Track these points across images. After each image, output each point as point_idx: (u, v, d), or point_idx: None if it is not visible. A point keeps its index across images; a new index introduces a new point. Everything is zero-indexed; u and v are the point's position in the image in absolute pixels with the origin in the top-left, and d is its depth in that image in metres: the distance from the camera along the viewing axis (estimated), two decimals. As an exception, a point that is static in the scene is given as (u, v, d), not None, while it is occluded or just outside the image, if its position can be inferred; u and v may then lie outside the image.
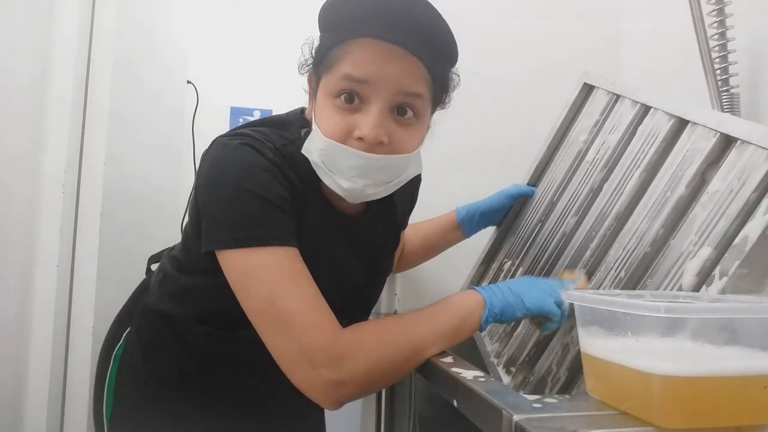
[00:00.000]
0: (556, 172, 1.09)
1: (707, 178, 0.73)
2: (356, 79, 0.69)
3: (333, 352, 0.65)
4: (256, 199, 0.69)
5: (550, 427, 0.45)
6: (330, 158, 0.71)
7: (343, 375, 0.65)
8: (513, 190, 1.16)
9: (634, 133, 0.90)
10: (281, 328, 0.67)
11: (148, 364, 0.84)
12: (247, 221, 0.68)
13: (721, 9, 1.02)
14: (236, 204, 0.68)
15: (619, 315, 0.50)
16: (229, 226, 0.69)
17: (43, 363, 0.93)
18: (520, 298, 0.74)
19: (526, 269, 1.05)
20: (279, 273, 0.68)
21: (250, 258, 0.68)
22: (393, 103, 0.71)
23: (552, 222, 1.02)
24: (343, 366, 0.65)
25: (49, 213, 0.95)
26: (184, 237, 0.84)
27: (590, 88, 1.08)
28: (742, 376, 0.45)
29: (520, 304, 0.74)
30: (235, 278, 0.69)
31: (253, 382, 0.84)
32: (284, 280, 0.67)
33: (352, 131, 0.70)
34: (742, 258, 0.61)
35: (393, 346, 0.70)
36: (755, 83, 1.06)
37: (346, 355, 0.66)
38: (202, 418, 0.82)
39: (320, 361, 0.65)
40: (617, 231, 0.84)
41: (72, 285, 0.99)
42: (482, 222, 1.18)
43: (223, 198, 0.69)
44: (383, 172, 0.73)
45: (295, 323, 0.66)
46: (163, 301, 0.84)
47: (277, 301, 0.67)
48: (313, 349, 0.65)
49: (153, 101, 1.29)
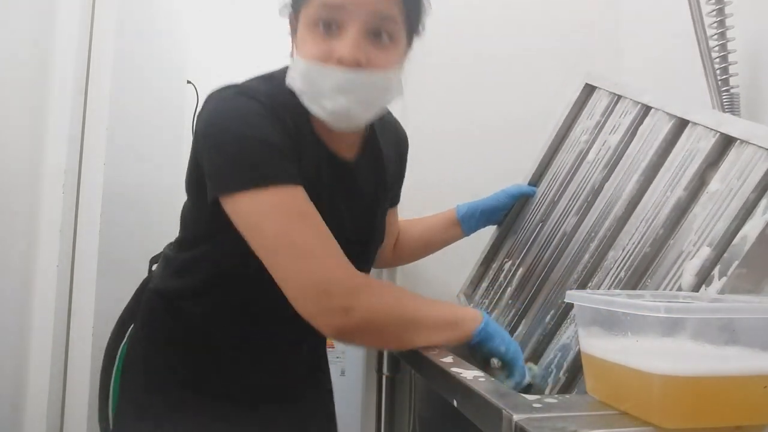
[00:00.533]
0: (557, 172, 1.09)
1: (707, 178, 0.73)
2: (332, 6, 0.72)
3: (348, 285, 0.70)
4: (258, 144, 0.70)
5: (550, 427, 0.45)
6: (311, 80, 0.74)
7: (353, 304, 0.69)
8: (514, 190, 1.16)
9: (634, 134, 0.90)
10: (298, 259, 0.69)
11: (152, 358, 0.84)
12: (251, 164, 0.70)
13: (721, 9, 1.02)
14: (239, 149, 0.70)
15: (619, 315, 0.50)
16: (234, 171, 0.70)
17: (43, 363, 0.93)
18: (508, 339, 0.78)
19: (526, 269, 1.05)
20: (290, 210, 0.70)
21: (259, 198, 0.69)
22: (369, 26, 0.73)
23: (553, 222, 1.02)
24: (355, 298, 0.69)
25: (49, 213, 0.95)
26: (182, 212, 0.86)
27: (592, 88, 1.09)
28: (742, 376, 0.45)
29: (508, 341, 0.78)
30: (246, 221, 0.71)
31: (257, 369, 0.85)
32: (296, 216, 0.70)
33: (331, 55, 0.73)
34: (741, 258, 0.61)
35: (400, 303, 0.74)
36: (755, 83, 1.07)
37: (360, 290, 0.70)
38: (209, 409, 0.82)
39: (335, 291, 0.69)
40: (617, 231, 0.84)
41: (72, 285, 0.99)
42: (482, 220, 1.18)
43: (226, 146, 0.71)
44: (364, 90, 0.75)
45: (315, 254, 0.69)
46: (165, 280, 0.85)
47: (293, 235, 0.69)
48: (330, 277, 0.69)
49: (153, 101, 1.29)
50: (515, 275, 1.08)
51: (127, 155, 1.14)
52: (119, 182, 1.10)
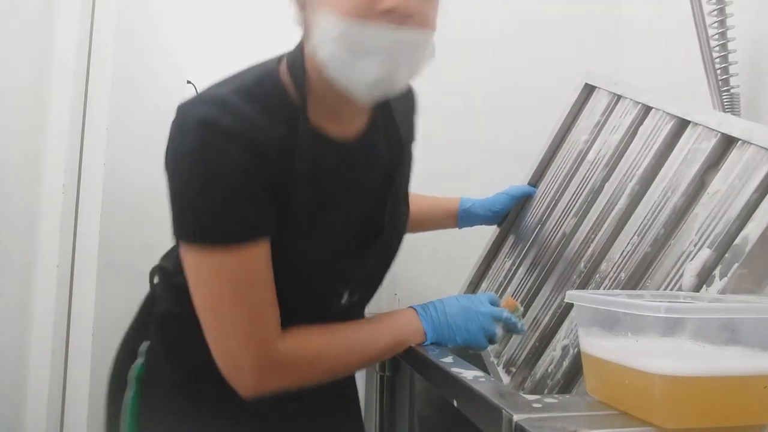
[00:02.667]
0: (557, 172, 1.09)
1: (708, 178, 0.73)
2: None
3: (259, 366, 0.67)
4: (215, 191, 0.62)
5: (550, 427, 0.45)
6: (352, 42, 0.59)
7: (262, 384, 0.68)
8: (515, 191, 1.15)
9: (635, 134, 0.90)
10: (220, 329, 0.67)
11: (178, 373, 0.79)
12: (204, 218, 0.64)
13: (721, 9, 1.02)
14: (194, 200, 0.63)
15: (619, 315, 0.50)
16: (186, 221, 0.66)
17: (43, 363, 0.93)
18: (454, 333, 0.78)
19: (526, 269, 1.05)
20: (229, 277, 0.65)
21: (202, 256, 0.65)
22: None
23: (553, 222, 1.02)
24: (263, 379, 0.68)
25: (49, 213, 0.95)
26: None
27: (591, 88, 1.09)
28: (742, 376, 0.45)
29: (452, 338, 0.78)
30: (188, 271, 0.67)
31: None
32: (232, 285, 0.65)
33: (373, 6, 0.58)
34: (742, 259, 0.61)
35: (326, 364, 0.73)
36: (755, 83, 1.06)
37: (270, 371, 0.68)
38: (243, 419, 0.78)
39: (245, 369, 0.67)
40: (618, 231, 0.84)
41: (72, 285, 0.99)
42: (481, 219, 1.18)
43: (182, 191, 0.65)
44: (412, 53, 0.62)
45: (236, 327, 0.66)
46: (173, 304, 0.80)
47: (222, 304, 0.66)
48: (244, 355, 0.66)
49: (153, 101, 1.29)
50: (515, 275, 1.08)
51: (127, 155, 1.14)
52: (119, 182, 1.10)
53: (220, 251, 0.64)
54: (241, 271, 0.65)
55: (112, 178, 1.05)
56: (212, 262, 0.64)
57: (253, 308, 0.67)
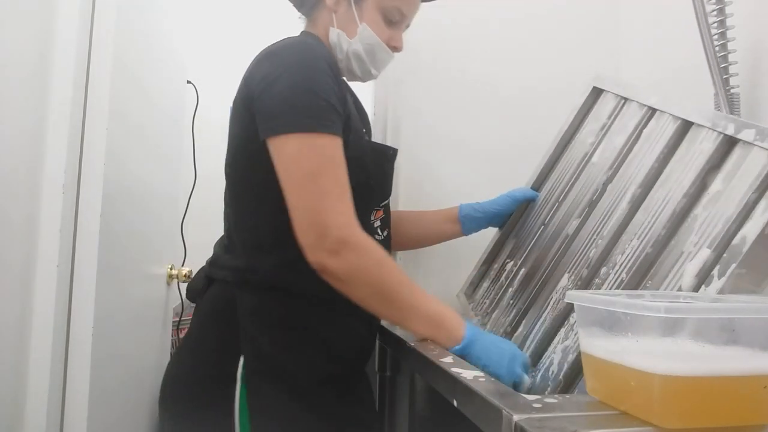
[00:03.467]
0: (561, 174, 1.09)
1: (710, 179, 0.73)
2: (403, 12, 0.98)
3: (343, 234, 0.79)
4: (314, 94, 0.82)
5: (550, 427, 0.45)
6: (373, 53, 0.98)
7: (341, 252, 0.79)
8: (518, 194, 1.16)
9: (639, 136, 0.90)
10: (315, 195, 0.79)
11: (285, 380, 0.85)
12: (304, 110, 0.81)
13: (721, 9, 1.02)
14: (296, 96, 0.82)
15: (619, 315, 0.50)
16: (288, 115, 0.81)
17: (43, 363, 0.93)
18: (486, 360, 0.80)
19: (528, 270, 1.05)
20: (326, 155, 0.81)
21: (303, 140, 0.81)
22: None
23: (555, 223, 1.02)
24: (343, 247, 0.79)
25: (49, 213, 0.95)
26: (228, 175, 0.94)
27: (599, 91, 1.09)
28: (742, 376, 0.45)
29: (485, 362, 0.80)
30: (287, 158, 0.81)
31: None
32: (329, 162, 0.81)
33: (389, 41, 0.99)
34: (739, 259, 0.61)
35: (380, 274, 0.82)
36: (755, 83, 1.06)
37: (350, 244, 0.79)
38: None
39: (331, 233, 0.78)
40: (620, 232, 0.84)
41: (72, 285, 0.99)
42: (484, 222, 1.18)
43: (282, 90, 0.82)
44: (389, 63, 1.03)
45: (330, 197, 0.80)
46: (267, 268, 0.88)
47: (320, 176, 0.80)
48: (333, 221, 0.79)
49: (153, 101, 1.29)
50: (517, 276, 1.08)
51: (127, 155, 1.14)
52: (119, 182, 1.10)
53: (319, 136, 0.81)
54: (334, 153, 0.82)
55: (112, 177, 1.04)
56: (315, 143, 0.81)
57: (343, 190, 0.82)
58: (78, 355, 0.98)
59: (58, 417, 0.97)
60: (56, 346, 0.96)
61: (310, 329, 0.88)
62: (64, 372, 0.98)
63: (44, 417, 0.93)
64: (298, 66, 0.84)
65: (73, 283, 0.99)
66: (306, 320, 0.88)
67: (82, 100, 1.01)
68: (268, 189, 0.84)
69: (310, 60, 0.85)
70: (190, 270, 1.51)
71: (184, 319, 1.60)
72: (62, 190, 0.96)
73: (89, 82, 1.02)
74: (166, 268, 1.47)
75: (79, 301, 0.99)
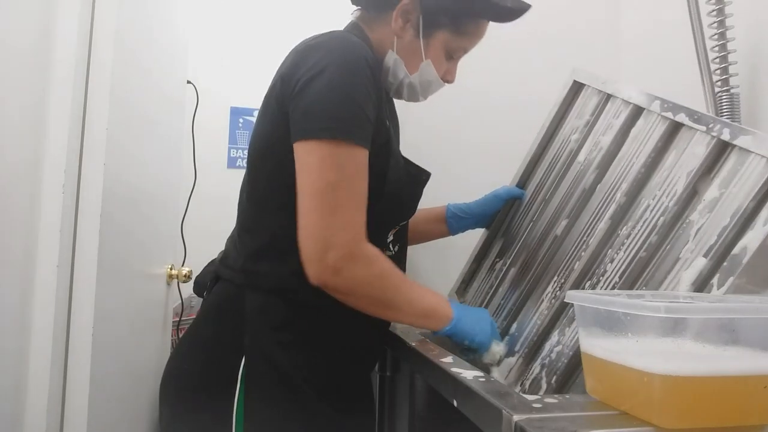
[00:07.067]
0: (547, 172, 1.08)
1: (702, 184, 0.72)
2: (467, 51, 0.98)
3: (348, 251, 0.78)
4: (348, 99, 0.79)
5: (550, 427, 0.45)
6: (429, 86, 0.97)
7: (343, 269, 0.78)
8: (503, 192, 1.16)
9: (627, 135, 0.89)
10: (327, 209, 0.77)
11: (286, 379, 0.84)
12: (338, 117, 0.78)
13: (720, 9, 1.02)
14: (330, 99, 0.79)
15: (620, 315, 0.50)
16: (321, 120, 0.78)
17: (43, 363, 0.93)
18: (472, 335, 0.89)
19: (518, 270, 1.04)
20: (348, 168, 0.79)
21: (331, 148, 0.78)
22: None
23: (543, 223, 1.01)
24: (347, 264, 0.78)
25: (49, 213, 0.95)
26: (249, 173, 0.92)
27: (580, 86, 1.08)
28: (742, 376, 0.45)
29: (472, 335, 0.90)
30: (310, 162, 0.78)
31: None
32: (349, 176, 0.79)
33: (445, 75, 0.98)
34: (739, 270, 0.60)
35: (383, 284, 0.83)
36: (755, 83, 1.06)
37: (355, 260, 0.78)
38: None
39: (334, 250, 0.77)
40: (610, 234, 0.83)
41: (72, 285, 0.99)
42: (471, 222, 1.19)
43: (321, 90, 0.79)
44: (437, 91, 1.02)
45: (341, 212, 0.78)
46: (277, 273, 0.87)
47: (338, 190, 0.78)
48: (338, 238, 0.77)
49: (153, 101, 1.29)
50: (507, 275, 1.08)
51: (127, 155, 1.14)
52: (119, 182, 1.10)
53: (348, 147, 0.79)
54: (358, 168, 0.80)
55: (112, 177, 1.04)
56: (339, 154, 0.78)
57: (359, 203, 0.80)
58: (78, 355, 0.98)
59: (58, 417, 0.97)
60: (56, 346, 0.96)
61: (318, 334, 0.87)
62: (64, 372, 0.98)
63: (44, 417, 0.93)
64: (340, 67, 0.80)
65: (73, 283, 0.99)
66: (313, 325, 0.87)
67: (82, 100, 1.01)
68: (291, 195, 0.82)
69: (353, 63, 0.81)
70: (190, 270, 1.50)
71: (184, 319, 1.60)
72: (62, 190, 0.96)
73: (89, 82, 1.02)
74: (166, 268, 1.47)
75: (79, 301, 0.99)
